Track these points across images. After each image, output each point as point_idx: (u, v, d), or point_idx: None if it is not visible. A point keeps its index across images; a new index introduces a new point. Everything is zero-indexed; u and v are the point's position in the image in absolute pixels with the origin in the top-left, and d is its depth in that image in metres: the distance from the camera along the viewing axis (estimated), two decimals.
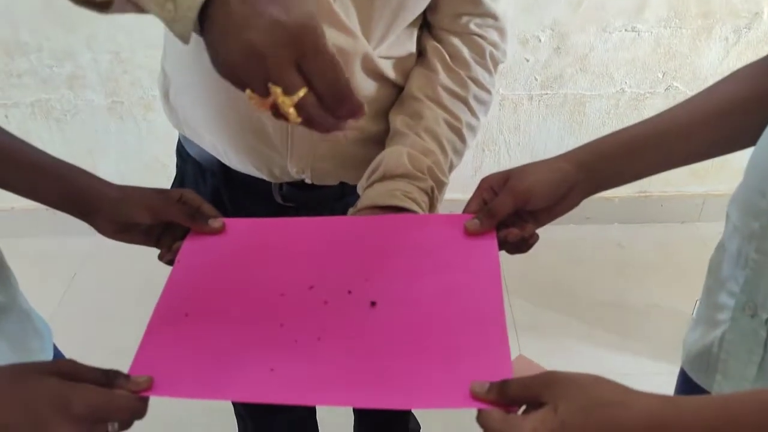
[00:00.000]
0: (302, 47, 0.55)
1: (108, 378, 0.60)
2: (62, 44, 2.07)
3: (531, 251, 0.78)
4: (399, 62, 0.92)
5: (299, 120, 0.58)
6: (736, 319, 0.72)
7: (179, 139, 1.08)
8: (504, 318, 0.67)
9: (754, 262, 0.69)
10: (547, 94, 2.22)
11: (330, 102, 0.58)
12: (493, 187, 0.79)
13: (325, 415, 1.46)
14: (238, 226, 0.81)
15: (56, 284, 2.22)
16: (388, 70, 0.91)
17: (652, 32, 2.12)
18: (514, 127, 2.28)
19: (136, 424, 0.63)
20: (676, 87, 2.21)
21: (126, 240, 0.80)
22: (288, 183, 0.99)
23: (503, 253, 0.77)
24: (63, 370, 0.58)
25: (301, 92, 0.56)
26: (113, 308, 2.08)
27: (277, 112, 0.58)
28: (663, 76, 2.20)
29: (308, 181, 0.97)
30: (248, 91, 0.57)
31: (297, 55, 0.56)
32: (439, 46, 0.92)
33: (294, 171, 0.96)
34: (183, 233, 0.81)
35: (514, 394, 0.58)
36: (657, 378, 1.08)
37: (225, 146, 0.96)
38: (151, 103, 2.18)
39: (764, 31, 2.12)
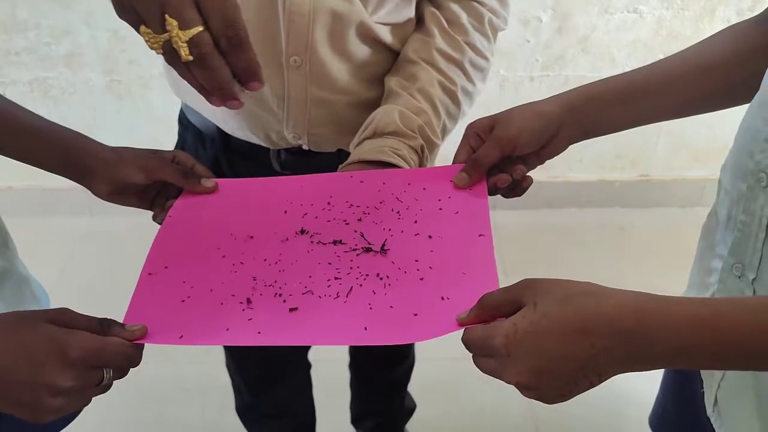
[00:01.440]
0: None
1: (103, 326, 0.61)
2: (60, 21, 2.06)
3: (532, 234, 0.78)
4: (397, 28, 0.92)
5: (191, 58, 0.57)
6: (723, 281, 0.72)
7: (181, 108, 1.09)
8: (493, 259, 0.68)
9: (741, 223, 0.68)
10: (548, 75, 2.21)
11: (225, 45, 0.58)
12: (479, 133, 0.79)
13: (321, 390, 1.46)
14: (230, 185, 0.82)
15: (53, 264, 2.21)
16: (386, 36, 0.91)
17: (654, 13, 2.11)
18: None
19: (132, 399, 0.62)
20: None
21: (121, 202, 0.81)
22: (286, 150, 0.99)
23: (503, 238, 0.77)
24: (59, 318, 0.59)
25: (197, 28, 0.56)
26: (110, 287, 2.06)
27: (170, 54, 0.57)
28: None
29: (305, 147, 0.97)
30: (143, 27, 0.57)
31: None
32: (436, 11, 0.92)
33: (290, 137, 0.95)
34: (177, 194, 0.81)
35: (495, 301, 0.59)
36: None
37: (224, 112, 0.96)
38: (148, 82, 2.17)
39: None
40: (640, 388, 1.52)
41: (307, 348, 1.32)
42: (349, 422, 1.63)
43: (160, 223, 0.80)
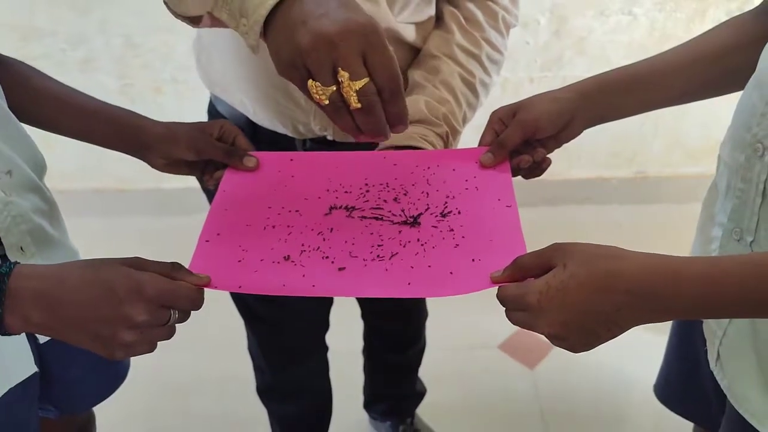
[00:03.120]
0: (369, 41, 0.63)
1: (173, 270, 0.67)
2: (76, 28, 2.12)
3: (530, 232, 0.85)
4: (419, 27, 0.99)
5: (359, 105, 0.65)
6: (723, 246, 0.79)
7: (210, 99, 1.15)
8: (519, 226, 0.76)
9: (740, 191, 0.75)
10: (546, 76, 2.28)
11: (387, 94, 0.66)
12: (502, 119, 0.86)
13: (337, 371, 1.52)
14: (272, 159, 0.90)
15: None
16: (409, 34, 0.98)
17: (648, 16, 2.19)
18: None
19: (152, 389, 0.67)
20: None
21: (175, 172, 0.89)
22: (311, 139, 1.06)
23: None
24: (134, 262, 0.65)
25: (365, 79, 0.64)
26: None
27: (334, 104, 0.66)
28: None
29: (330, 137, 1.04)
30: (311, 81, 0.65)
31: (365, 47, 0.63)
32: (455, 10, 1.00)
33: (317, 128, 1.02)
34: (225, 164, 0.89)
35: (527, 263, 0.67)
36: (655, 348, 1.15)
37: (254, 104, 1.03)
38: (161, 87, 2.24)
39: None
40: (642, 374, 1.58)
41: (325, 330, 1.39)
42: (362, 407, 1.69)
43: (210, 188, 0.88)
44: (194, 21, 0.76)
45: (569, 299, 0.62)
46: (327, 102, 0.66)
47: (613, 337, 0.64)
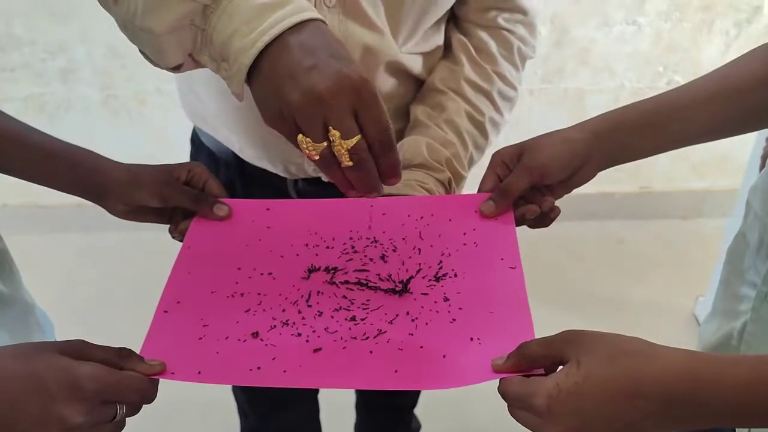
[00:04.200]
0: (361, 97, 0.60)
1: (120, 357, 0.59)
2: (56, 37, 2.04)
3: (532, 247, 0.76)
4: (426, 57, 0.90)
5: (351, 163, 0.61)
6: (756, 309, 0.71)
7: (194, 129, 1.06)
8: (525, 294, 0.66)
9: None
10: (547, 88, 2.20)
11: (378, 149, 0.62)
12: (506, 161, 0.77)
13: (327, 414, 1.43)
14: (246, 208, 0.80)
15: (49, 281, 2.18)
16: (414, 65, 0.89)
17: (652, 26, 2.11)
18: (516, 122, 2.26)
19: (135, 418, 0.60)
20: (677, 81, 2.20)
21: (139, 220, 0.81)
22: (304, 179, 0.97)
23: None
24: (73, 348, 0.57)
25: (357, 137, 0.60)
26: (109, 304, 2.05)
27: (325, 159, 0.62)
28: (664, 70, 2.18)
29: (325, 179, 0.94)
30: (301, 135, 0.61)
31: (356, 103, 0.60)
32: (465, 39, 0.90)
33: (311, 169, 0.93)
34: (193, 212, 0.80)
35: (535, 353, 0.57)
36: None
37: (241, 140, 0.94)
38: (145, 98, 2.15)
39: (765, 25, 2.12)
40: None
41: None
42: None
43: (177, 239, 0.79)
44: (176, 68, 0.69)
45: (584, 405, 0.52)
46: (318, 157, 0.62)
47: None
